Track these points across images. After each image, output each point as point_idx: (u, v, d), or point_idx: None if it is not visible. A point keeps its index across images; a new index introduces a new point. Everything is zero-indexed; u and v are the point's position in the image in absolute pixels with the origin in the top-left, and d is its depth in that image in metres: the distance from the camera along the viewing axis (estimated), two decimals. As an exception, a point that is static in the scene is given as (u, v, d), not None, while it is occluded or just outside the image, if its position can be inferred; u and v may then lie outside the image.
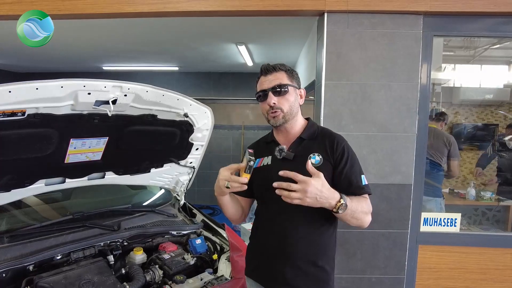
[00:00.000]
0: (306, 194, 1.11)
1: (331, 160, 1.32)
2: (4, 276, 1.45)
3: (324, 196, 1.14)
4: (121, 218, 2.02)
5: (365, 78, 2.23)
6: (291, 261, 1.31)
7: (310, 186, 1.11)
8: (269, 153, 1.42)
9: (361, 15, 2.19)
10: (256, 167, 1.41)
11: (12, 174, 1.55)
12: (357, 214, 1.24)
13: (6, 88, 1.23)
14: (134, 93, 1.57)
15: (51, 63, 5.41)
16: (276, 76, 1.35)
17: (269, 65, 1.38)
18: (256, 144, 1.55)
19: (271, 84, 1.34)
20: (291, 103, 1.35)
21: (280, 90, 1.33)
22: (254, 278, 1.44)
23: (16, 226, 1.78)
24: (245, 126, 6.37)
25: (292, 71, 1.39)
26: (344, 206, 1.17)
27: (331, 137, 1.37)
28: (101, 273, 1.56)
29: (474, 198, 3.42)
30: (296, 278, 1.31)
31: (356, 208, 1.23)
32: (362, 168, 1.36)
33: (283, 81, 1.34)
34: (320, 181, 1.14)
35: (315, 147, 1.35)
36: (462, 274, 2.37)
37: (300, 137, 1.38)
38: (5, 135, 1.37)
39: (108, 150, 1.78)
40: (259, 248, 1.43)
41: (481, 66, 4.12)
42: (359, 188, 1.31)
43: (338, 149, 1.33)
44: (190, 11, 2.23)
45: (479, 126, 4.52)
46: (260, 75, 1.39)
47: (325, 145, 1.35)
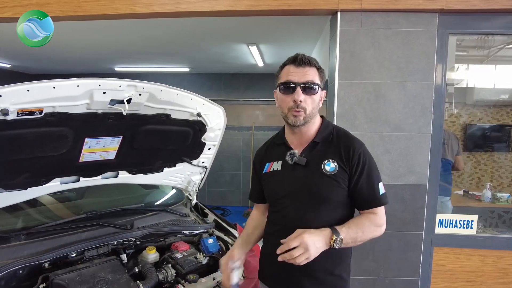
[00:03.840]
0: (309, 251, 1.09)
1: (347, 168, 1.24)
2: (21, 272, 1.46)
3: (320, 243, 1.13)
4: (134, 217, 2.02)
5: (379, 77, 2.20)
6: (309, 272, 1.26)
7: (308, 242, 1.10)
8: (280, 157, 1.33)
9: (374, 14, 2.17)
10: (265, 172, 1.38)
11: (29, 173, 1.57)
12: (360, 239, 1.20)
13: (25, 87, 1.25)
14: (149, 92, 1.58)
15: (64, 65, 5.50)
16: (308, 72, 1.22)
17: (304, 56, 1.23)
18: (264, 147, 1.47)
19: (303, 79, 1.21)
20: (316, 104, 1.25)
21: (310, 88, 1.22)
22: (269, 285, 1.40)
23: (31, 224, 1.80)
24: (255, 127, 6.37)
25: (322, 70, 1.28)
26: (339, 241, 1.14)
27: (347, 142, 1.28)
28: (115, 272, 1.56)
29: (490, 200, 3.34)
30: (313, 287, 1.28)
31: (355, 236, 1.19)
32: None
33: (315, 79, 1.23)
34: (306, 232, 1.13)
35: (330, 152, 1.26)
36: (479, 278, 2.32)
37: (314, 141, 1.30)
38: (23, 134, 1.39)
39: (122, 149, 1.79)
40: (272, 256, 1.33)
41: (495, 66, 4.04)
42: (374, 200, 1.25)
43: (354, 156, 1.23)
44: (203, 11, 2.24)
45: (494, 127, 4.42)
46: (288, 63, 1.26)
47: (340, 150, 1.26)
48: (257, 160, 1.46)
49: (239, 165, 6.46)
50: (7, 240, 1.60)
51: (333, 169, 1.23)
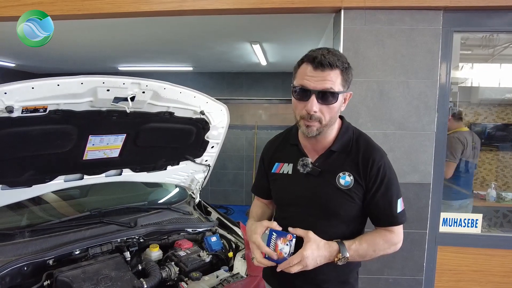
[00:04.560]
0: (307, 267, 1.06)
1: (363, 182, 1.13)
2: (26, 269, 1.47)
3: (321, 257, 1.07)
4: (137, 215, 2.03)
5: (383, 75, 2.19)
6: (315, 282, 1.20)
7: (307, 260, 1.05)
8: (291, 159, 1.22)
9: (378, 12, 2.16)
10: (274, 172, 1.28)
11: (33, 170, 1.58)
12: (369, 256, 1.14)
13: (29, 84, 1.25)
14: (152, 90, 1.58)
15: (68, 64, 5.52)
16: (328, 76, 1.03)
17: (324, 57, 1.02)
18: (276, 144, 1.33)
19: (319, 86, 1.03)
20: (334, 113, 1.09)
21: (328, 97, 1.04)
22: (272, 285, 1.36)
23: (36, 222, 1.81)
24: (258, 126, 6.36)
25: (348, 70, 1.08)
26: (344, 260, 1.08)
27: (367, 153, 1.14)
28: (118, 269, 1.57)
29: (494, 200, 3.32)
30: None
31: (365, 254, 1.12)
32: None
33: (335, 85, 1.04)
34: (313, 244, 1.06)
35: (347, 163, 1.14)
36: (485, 277, 2.30)
37: (330, 150, 1.17)
38: (27, 131, 1.40)
39: (126, 147, 1.80)
40: None
41: (500, 65, 4.01)
42: (390, 218, 1.15)
43: (373, 169, 1.11)
44: (206, 9, 2.24)
45: (499, 126, 4.39)
46: (306, 61, 1.06)
47: (358, 162, 1.13)
48: (266, 155, 1.33)
49: (242, 164, 6.46)
50: (11, 237, 1.62)
51: (348, 183, 1.13)
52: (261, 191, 1.41)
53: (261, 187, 1.39)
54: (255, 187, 1.45)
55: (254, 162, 6.37)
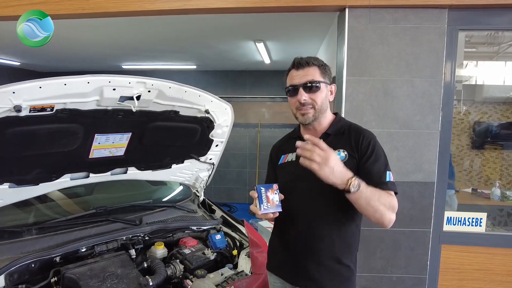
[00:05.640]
0: (326, 163, 1.09)
1: (356, 155, 1.28)
2: (33, 266, 1.49)
3: (339, 170, 1.12)
4: (143, 213, 2.05)
5: (387, 74, 2.19)
6: (317, 258, 1.30)
7: (332, 156, 1.11)
8: (294, 149, 1.34)
9: (383, 10, 2.16)
10: (280, 163, 1.44)
11: (40, 168, 1.60)
12: (374, 202, 1.17)
13: (37, 84, 1.27)
14: (158, 89, 1.59)
15: (72, 63, 5.55)
16: (308, 72, 1.29)
17: (302, 59, 1.32)
18: (280, 141, 1.55)
19: (303, 80, 1.29)
20: (322, 100, 1.31)
21: (311, 86, 1.28)
22: (277, 274, 1.43)
23: (42, 219, 1.84)
24: (261, 124, 6.37)
25: (325, 66, 1.34)
26: (357, 185, 1.12)
27: (358, 132, 1.33)
28: (124, 266, 1.59)
29: (499, 199, 3.30)
30: (321, 274, 1.30)
31: (371, 196, 1.16)
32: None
33: (315, 77, 1.29)
34: (337, 156, 1.15)
35: (341, 142, 1.31)
36: (488, 276, 2.30)
37: (326, 133, 1.35)
38: (35, 130, 1.41)
39: (131, 146, 1.81)
40: (282, 244, 1.42)
41: (505, 63, 3.98)
42: (381, 183, 1.23)
43: (363, 143, 1.28)
44: (210, 8, 2.25)
45: (504, 124, 4.36)
46: (291, 68, 1.34)
47: (351, 140, 1.31)
48: (274, 152, 1.53)
49: (245, 162, 6.47)
50: (19, 234, 1.64)
51: (343, 158, 1.26)
52: None
53: (270, 182, 1.47)
54: (266, 182, 1.53)
55: (257, 160, 6.38)
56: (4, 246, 1.55)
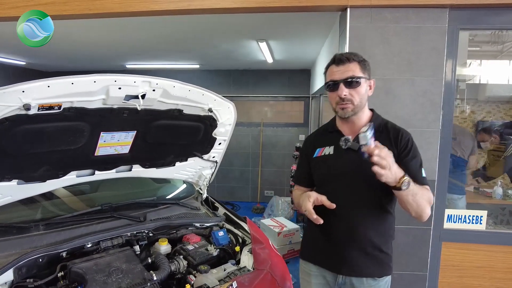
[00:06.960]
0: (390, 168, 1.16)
1: (395, 149, 1.34)
2: (41, 261, 1.52)
3: (394, 171, 1.19)
4: (147, 210, 2.07)
5: (389, 73, 2.21)
6: (361, 247, 1.39)
7: (392, 159, 1.18)
8: (332, 142, 1.44)
9: (384, 10, 2.18)
10: (316, 156, 1.49)
11: (47, 166, 1.63)
12: (418, 197, 1.26)
13: (46, 83, 1.30)
14: (162, 88, 1.62)
15: (77, 62, 5.60)
16: (348, 67, 1.34)
17: (342, 55, 1.36)
18: (314, 134, 1.61)
19: (343, 76, 1.33)
20: (362, 95, 1.36)
21: (352, 81, 1.33)
22: (316, 263, 1.50)
23: (49, 215, 1.87)
24: (264, 123, 6.39)
25: (364, 62, 1.39)
26: (407, 183, 1.20)
27: (396, 130, 1.42)
28: (129, 262, 1.61)
29: (501, 197, 3.31)
30: (365, 262, 1.39)
31: (417, 192, 1.26)
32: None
33: (356, 73, 1.33)
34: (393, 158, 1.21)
35: (380, 139, 1.29)
36: (488, 273, 2.32)
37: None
38: (43, 128, 1.45)
39: (136, 144, 1.84)
40: (324, 235, 1.46)
41: (509, 61, 3.97)
42: (421, 179, 1.33)
43: (402, 140, 1.37)
44: (215, 8, 2.27)
45: (507, 123, 4.36)
46: (331, 64, 1.39)
47: (390, 136, 1.39)
48: (307, 145, 1.58)
49: (248, 161, 6.50)
50: (27, 230, 1.67)
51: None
52: (302, 179, 1.62)
53: (303, 176, 1.59)
54: (298, 177, 1.65)
55: (260, 159, 6.40)
56: (12, 241, 1.59)
